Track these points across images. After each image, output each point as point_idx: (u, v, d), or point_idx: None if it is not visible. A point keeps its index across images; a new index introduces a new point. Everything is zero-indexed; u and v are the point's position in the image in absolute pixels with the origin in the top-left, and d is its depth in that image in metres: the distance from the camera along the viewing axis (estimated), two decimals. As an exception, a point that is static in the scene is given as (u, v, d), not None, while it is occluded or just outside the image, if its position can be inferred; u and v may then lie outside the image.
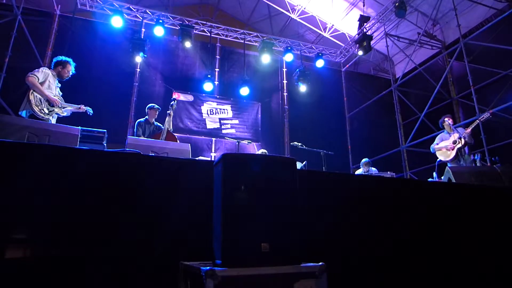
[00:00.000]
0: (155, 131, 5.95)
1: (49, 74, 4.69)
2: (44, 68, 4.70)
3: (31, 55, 8.38)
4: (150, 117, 6.07)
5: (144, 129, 5.94)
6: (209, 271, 1.55)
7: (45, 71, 4.64)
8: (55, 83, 4.81)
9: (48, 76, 4.66)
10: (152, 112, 6.09)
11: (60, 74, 4.87)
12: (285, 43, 11.62)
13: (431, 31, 10.92)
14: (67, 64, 4.91)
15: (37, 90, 4.43)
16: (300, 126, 11.17)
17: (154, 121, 6.11)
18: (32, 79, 4.40)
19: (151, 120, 6.07)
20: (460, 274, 2.90)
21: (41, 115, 4.43)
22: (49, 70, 4.75)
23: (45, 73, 4.61)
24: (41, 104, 4.47)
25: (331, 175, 3.13)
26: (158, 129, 5.98)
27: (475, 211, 3.22)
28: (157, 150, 3.29)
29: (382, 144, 10.98)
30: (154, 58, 10.34)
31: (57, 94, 4.77)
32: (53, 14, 9.32)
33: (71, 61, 4.97)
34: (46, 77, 4.61)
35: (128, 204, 2.24)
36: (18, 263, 1.94)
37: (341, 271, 2.38)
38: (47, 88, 4.59)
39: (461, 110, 10.31)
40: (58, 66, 4.87)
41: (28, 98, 4.36)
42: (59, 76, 4.87)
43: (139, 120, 6.09)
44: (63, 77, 4.91)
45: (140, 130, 5.92)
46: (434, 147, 6.35)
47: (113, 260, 2.09)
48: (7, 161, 2.10)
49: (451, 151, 6.06)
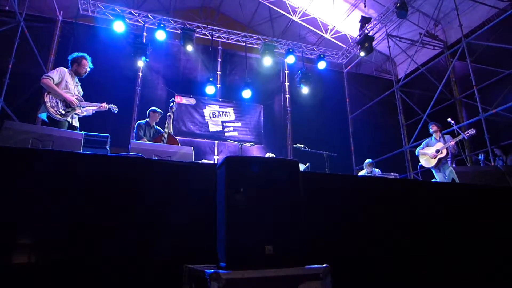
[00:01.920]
0: (155, 135, 5.93)
1: (65, 73, 4.57)
2: (60, 68, 4.58)
3: (34, 61, 8.43)
4: (151, 120, 6.05)
5: (144, 131, 5.91)
6: (213, 274, 1.55)
7: (60, 71, 4.53)
8: (74, 82, 4.70)
9: (65, 75, 4.54)
10: (154, 115, 6.07)
11: (78, 72, 4.73)
12: (286, 45, 11.63)
13: (433, 31, 10.90)
14: (82, 59, 4.76)
15: (52, 92, 4.35)
16: (302, 128, 11.16)
17: (155, 124, 6.09)
18: (47, 80, 4.32)
19: (152, 123, 6.05)
20: (462, 275, 2.89)
21: (58, 117, 4.34)
22: (65, 69, 4.63)
23: (60, 74, 4.50)
24: (57, 106, 4.37)
25: (334, 176, 3.13)
26: (158, 133, 5.95)
27: (478, 212, 3.21)
28: (160, 154, 3.30)
29: (385, 145, 10.95)
30: (156, 62, 10.38)
31: (76, 93, 4.65)
32: (55, 20, 9.38)
33: (86, 55, 4.82)
34: (62, 77, 4.50)
35: (131, 208, 2.25)
36: (22, 266, 1.95)
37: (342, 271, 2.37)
38: (64, 88, 4.48)
39: (464, 110, 10.27)
40: (74, 64, 4.73)
41: (44, 100, 4.30)
42: (76, 74, 4.74)
43: (140, 121, 6.05)
44: (81, 74, 4.77)
45: (142, 132, 5.88)
46: (419, 152, 6.46)
47: (117, 263, 2.10)
48: (11, 167, 2.11)
49: (433, 160, 6.14)
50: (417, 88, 10.96)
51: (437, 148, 6.17)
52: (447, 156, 6.04)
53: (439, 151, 6.12)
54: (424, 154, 6.40)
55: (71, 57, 4.79)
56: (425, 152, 6.41)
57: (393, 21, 10.79)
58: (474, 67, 8.48)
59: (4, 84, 7.23)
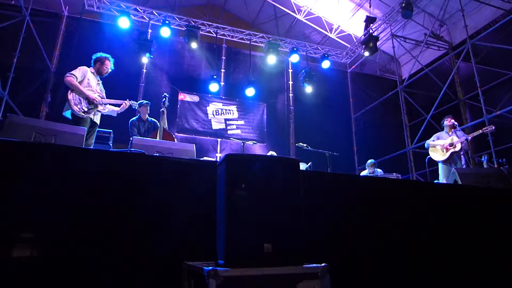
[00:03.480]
0: (150, 128, 5.89)
1: (87, 72, 4.72)
2: (82, 67, 4.73)
3: (39, 56, 8.47)
4: (142, 114, 6.00)
5: (138, 128, 5.87)
6: (211, 271, 1.55)
7: (83, 69, 4.68)
8: (96, 80, 4.84)
9: (87, 74, 4.69)
10: (143, 109, 5.99)
11: (100, 71, 4.90)
12: (291, 44, 11.61)
13: (438, 32, 10.84)
14: (105, 60, 4.93)
15: (75, 89, 4.50)
16: (305, 127, 11.14)
17: (148, 117, 6.02)
18: (70, 78, 4.47)
19: (144, 117, 5.99)
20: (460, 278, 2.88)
21: (81, 114, 4.49)
22: (88, 68, 4.79)
23: (83, 72, 4.65)
24: (80, 103, 4.51)
25: (335, 176, 3.13)
26: (153, 126, 5.91)
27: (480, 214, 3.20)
28: (162, 151, 3.30)
29: (388, 145, 10.93)
30: (160, 59, 10.39)
31: (98, 91, 4.81)
32: (61, 15, 9.41)
33: (109, 56, 4.99)
34: (85, 76, 4.65)
35: (132, 204, 2.25)
36: (23, 261, 1.96)
37: (342, 271, 2.37)
38: (86, 86, 4.62)
39: (468, 111, 10.22)
40: (97, 63, 4.90)
41: (68, 99, 4.44)
42: (98, 73, 4.90)
43: (132, 119, 5.98)
44: (103, 73, 4.94)
45: (135, 130, 5.83)
46: (429, 143, 6.24)
47: (116, 259, 2.11)
48: (13, 160, 2.12)
49: (446, 152, 5.97)
50: (421, 89, 10.92)
51: (451, 142, 6.00)
52: (460, 152, 5.91)
53: (452, 145, 6.00)
54: (435, 146, 6.15)
55: (95, 56, 4.96)
56: (436, 143, 6.15)
57: (398, 21, 10.75)
58: (479, 69, 8.43)
59: (9, 78, 7.26)
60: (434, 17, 10.29)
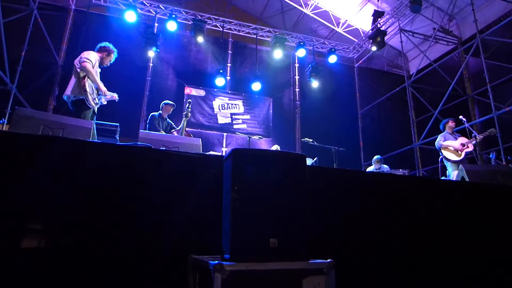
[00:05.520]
0: (167, 128, 5.98)
1: (96, 59, 4.44)
2: (92, 52, 4.44)
3: (47, 49, 8.51)
4: (164, 112, 6.10)
5: (159, 123, 5.96)
6: (217, 265, 1.56)
7: (95, 55, 4.40)
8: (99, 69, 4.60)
9: (96, 61, 4.42)
10: (167, 107, 6.10)
11: (102, 61, 4.63)
12: (297, 38, 11.54)
13: (447, 26, 10.70)
14: (112, 53, 4.72)
15: (91, 77, 4.23)
16: (311, 122, 11.09)
17: (167, 117, 6.14)
18: (89, 65, 4.18)
19: (165, 115, 6.10)
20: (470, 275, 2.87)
21: (93, 105, 4.28)
22: (96, 54, 4.52)
23: (95, 58, 4.37)
24: (93, 93, 4.30)
25: (341, 171, 3.12)
26: (171, 127, 6.01)
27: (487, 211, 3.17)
28: (168, 144, 3.31)
29: (395, 141, 10.86)
30: (167, 53, 10.38)
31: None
32: (68, 9, 9.44)
33: (116, 52, 4.79)
34: (95, 63, 4.38)
35: (138, 197, 2.26)
36: (31, 251, 1.98)
37: (347, 267, 2.37)
38: (96, 74, 4.36)
39: (476, 107, 10.11)
40: (104, 52, 4.65)
41: (84, 86, 4.14)
42: (100, 63, 4.61)
43: (153, 113, 6.07)
44: (103, 64, 4.67)
45: (157, 123, 5.91)
46: (441, 144, 6.34)
47: (122, 252, 2.12)
48: (21, 153, 2.14)
49: (461, 153, 6.09)
50: (429, 84, 10.80)
51: (462, 142, 6.14)
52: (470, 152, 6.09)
53: (464, 145, 6.09)
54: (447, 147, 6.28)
55: (103, 44, 4.73)
56: (448, 144, 6.30)
57: (407, 16, 10.61)
58: (488, 64, 8.30)
59: (17, 72, 7.31)
60: (443, 12, 10.15)
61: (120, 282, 2.07)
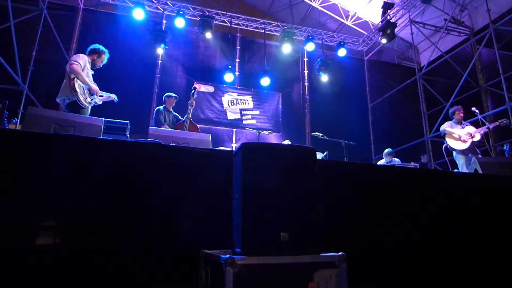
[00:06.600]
0: (173, 121, 5.99)
1: (86, 61, 4.58)
2: (82, 54, 4.59)
3: (57, 49, 8.61)
4: (168, 105, 6.10)
5: (164, 117, 5.97)
6: (228, 259, 1.56)
7: (84, 57, 4.54)
8: (91, 71, 4.72)
9: (86, 63, 4.56)
10: (170, 100, 6.12)
11: (94, 63, 4.76)
12: (306, 32, 11.45)
13: (458, 17, 10.49)
14: (102, 54, 4.83)
15: (80, 78, 4.35)
16: (321, 117, 11.05)
17: (172, 110, 6.14)
18: (77, 67, 4.31)
19: (169, 108, 6.11)
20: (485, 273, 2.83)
21: (85, 104, 4.40)
22: (86, 56, 4.64)
23: (84, 60, 4.51)
24: (84, 93, 4.41)
25: (351, 165, 3.09)
26: (176, 118, 6.01)
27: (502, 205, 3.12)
28: (178, 140, 3.32)
29: (406, 134, 10.74)
30: (175, 50, 10.42)
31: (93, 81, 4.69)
32: (77, 8, 9.53)
33: (107, 52, 4.88)
34: (85, 64, 4.52)
35: (150, 193, 2.28)
36: (43, 248, 2.02)
37: (359, 261, 2.35)
38: (86, 76, 4.49)
39: (489, 99, 9.92)
40: (94, 55, 4.77)
41: (73, 87, 4.27)
42: (92, 65, 4.75)
43: (159, 107, 6.10)
44: (96, 66, 4.80)
45: (162, 117, 5.93)
46: (446, 130, 6.19)
47: (134, 247, 2.14)
48: (34, 151, 2.17)
49: (466, 142, 5.93)
50: (440, 76, 10.64)
51: (469, 132, 5.96)
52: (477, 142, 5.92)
53: (471, 135, 5.94)
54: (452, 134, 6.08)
55: (93, 46, 4.83)
56: (453, 131, 6.08)
57: (417, 7, 10.44)
58: (502, 54, 8.14)
59: (28, 71, 7.41)
60: (455, 2, 9.96)
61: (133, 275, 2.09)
